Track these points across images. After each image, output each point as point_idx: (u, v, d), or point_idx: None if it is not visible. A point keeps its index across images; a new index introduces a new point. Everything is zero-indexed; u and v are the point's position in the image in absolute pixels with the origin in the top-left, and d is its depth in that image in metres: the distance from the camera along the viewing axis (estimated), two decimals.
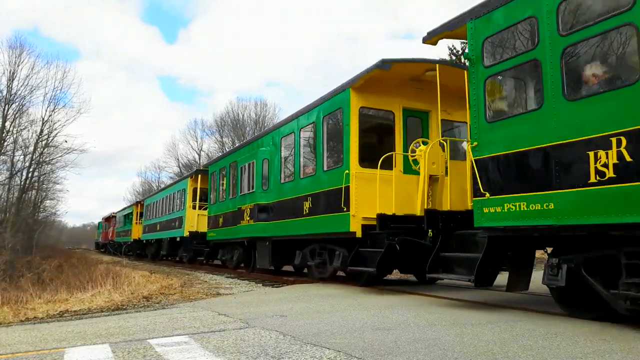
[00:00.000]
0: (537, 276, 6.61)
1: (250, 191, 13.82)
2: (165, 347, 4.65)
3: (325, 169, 10.63)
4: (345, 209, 9.50)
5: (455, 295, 8.28)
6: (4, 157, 31.44)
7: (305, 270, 13.54)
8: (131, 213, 37.99)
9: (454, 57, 27.70)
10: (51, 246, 37.65)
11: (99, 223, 64.93)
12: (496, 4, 6.30)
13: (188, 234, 21.57)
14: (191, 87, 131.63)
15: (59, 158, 33.46)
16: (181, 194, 23.84)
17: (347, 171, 9.54)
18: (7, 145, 31.37)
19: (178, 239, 24.03)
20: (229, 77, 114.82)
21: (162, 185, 51.33)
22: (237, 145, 20.21)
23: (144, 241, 32.50)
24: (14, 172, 32.06)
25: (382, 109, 10.20)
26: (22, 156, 32.68)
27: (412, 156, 8.91)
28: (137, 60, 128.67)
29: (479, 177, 6.37)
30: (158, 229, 28.09)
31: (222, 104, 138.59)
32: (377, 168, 9.17)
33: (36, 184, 34.89)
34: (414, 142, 9.24)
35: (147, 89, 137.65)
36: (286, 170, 12.87)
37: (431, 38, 7.52)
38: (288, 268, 15.00)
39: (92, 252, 57.85)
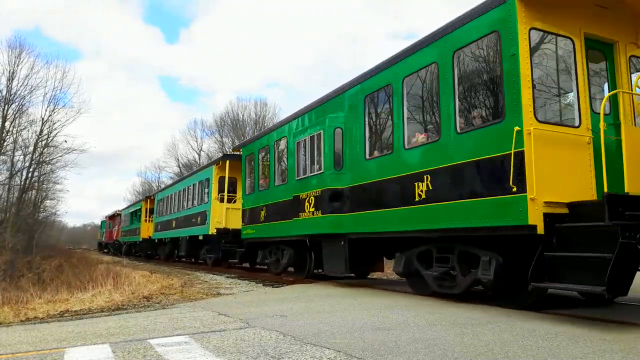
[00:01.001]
0: None
1: (315, 173, 10.43)
2: (165, 347, 4.66)
3: (459, 130, 7.16)
4: (514, 189, 6.10)
5: None
6: (3, 157, 31.47)
7: (396, 278, 11.68)
8: (139, 210, 34.24)
9: None
10: (51, 246, 37.60)
11: (102, 222, 61.39)
12: None
13: (215, 231, 18.11)
14: (192, 87, 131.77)
15: (59, 158, 33.48)
16: (204, 184, 20.26)
17: (517, 128, 6.11)
18: (7, 145, 31.38)
19: (201, 238, 20.33)
20: (230, 77, 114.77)
21: (162, 185, 50.17)
22: (281, 119, 14.46)
23: (156, 240, 28.88)
24: (14, 172, 32.08)
25: (559, 34, 6.76)
26: (22, 156, 32.71)
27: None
28: (137, 61, 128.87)
29: None
30: (174, 226, 24.46)
31: (223, 104, 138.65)
32: (555, 124, 6.38)
33: (36, 184, 34.91)
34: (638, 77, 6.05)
35: (147, 89, 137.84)
36: (376, 140, 9.45)
37: None
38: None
39: (93, 252, 55.44)
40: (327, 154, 10.16)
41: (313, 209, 10.46)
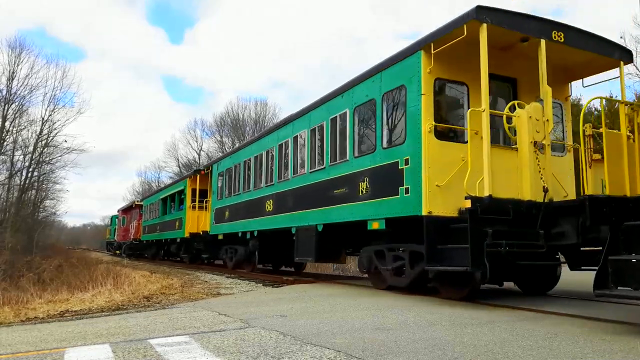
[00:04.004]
0: None
1: None
2: (165, 347, 4.66)
3: None
4: None
5: None
6: (3, 157, 31.48)
7: None
8: (181, 192, 23.86)
9: None
10: (51, 246, 37.57)
11: (112, 217, 51.19)
12: None
13: (469, 206, 6.87)
14: (196, 87, 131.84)
15: (59, 158, 33.49)
16: (386, 106, 8.89)
17: None
18: (6, 145, 31.39)
19: (377, 227, 8.89)
20: (234, 77, 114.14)
21: (162, 185, 47.01)
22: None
23: (220, 237, 18.13)
24: (14, 172, 32.09)
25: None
26: (21, 156, 32.73)
27: None
28: (141, 61, 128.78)
29: None
30: (270, 210, 13.48)
31: (224, 104, 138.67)
32: None
33: (36, 183, 34.93)
34: None
35: (151, 89, 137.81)
36: None
37: None
38: None
39: (100, 255, 46.52)
40: None
41: None
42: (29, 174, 32.79)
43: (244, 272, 16.09)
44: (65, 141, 32.26)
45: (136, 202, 37.21)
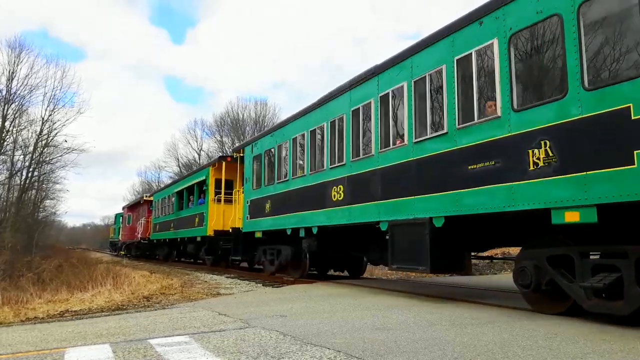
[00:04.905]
0: None
1: None
2: (165, 347, 4.66)
3: None
4: None
5: None
6: (3, 157, 31.45)
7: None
8: (202, 183, 20.56)
9: None
10: (51, 246, 37.54)
11: (116, 215, 46.79)
12: None
13: None
14: (196, 87, 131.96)
15: (59, 158, 33.47)
16: None
17: None
18: (6, 145, 31.39)
19: None
20: (234, 77, 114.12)
21: (162, 185, 45.05)
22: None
23: (258, 235, 14.26)
24: (14, 171, 32.08)
25: None
26: (21, 156, 32.71)
27: None
28: (143, 61, 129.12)
29: None
30: (340, 198, 10.16)
31: (224, 104, 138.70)
32: None
33: (36, 183, 34.90)
34: None
35: (151, 89, 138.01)
36: None
37: None
38: None
39: (97, 254, 46.21)
40: None
41: None
42: (29, 174, 32.78)
43: (247, 274, 16.05)
44: (66, 141, 32.23)
45: (145, 197, 33.00)
